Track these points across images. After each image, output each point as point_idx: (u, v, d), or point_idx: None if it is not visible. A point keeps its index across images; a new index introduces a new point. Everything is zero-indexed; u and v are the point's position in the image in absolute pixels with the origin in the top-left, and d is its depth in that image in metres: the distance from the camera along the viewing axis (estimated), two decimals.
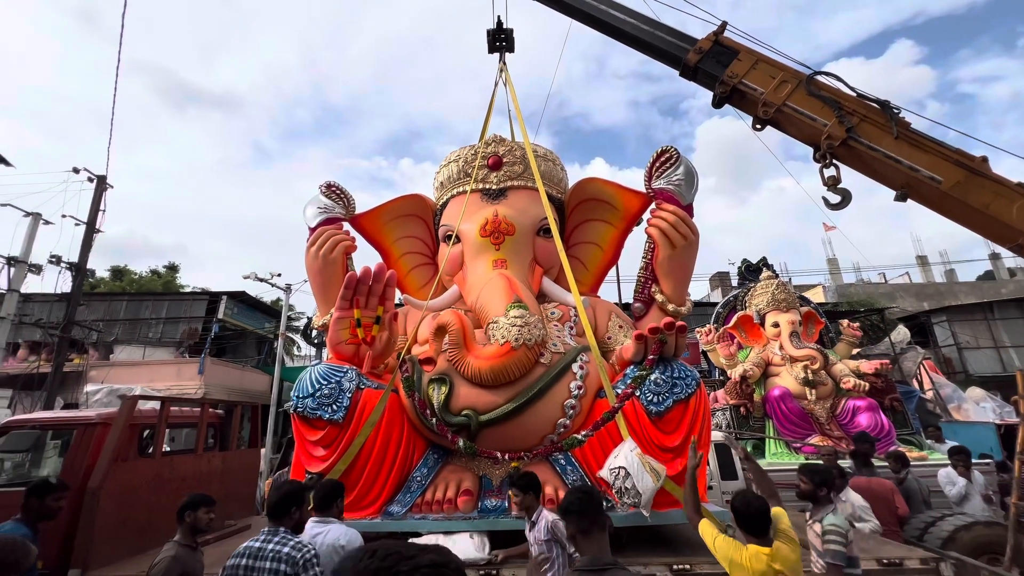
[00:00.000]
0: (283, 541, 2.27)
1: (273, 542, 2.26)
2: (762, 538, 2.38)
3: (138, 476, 4.13)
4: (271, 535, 2.30)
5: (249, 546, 2.29)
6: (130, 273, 25.38)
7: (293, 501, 2.41)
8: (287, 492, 2.44)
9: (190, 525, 2.87)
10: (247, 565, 2.22)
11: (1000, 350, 16.12)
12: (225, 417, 5.67)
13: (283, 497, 2.41)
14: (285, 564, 2.18)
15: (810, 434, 7.34)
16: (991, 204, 4.43)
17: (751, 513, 2.38)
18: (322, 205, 5.36)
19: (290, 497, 2.41)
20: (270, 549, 2.22)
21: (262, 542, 2.28)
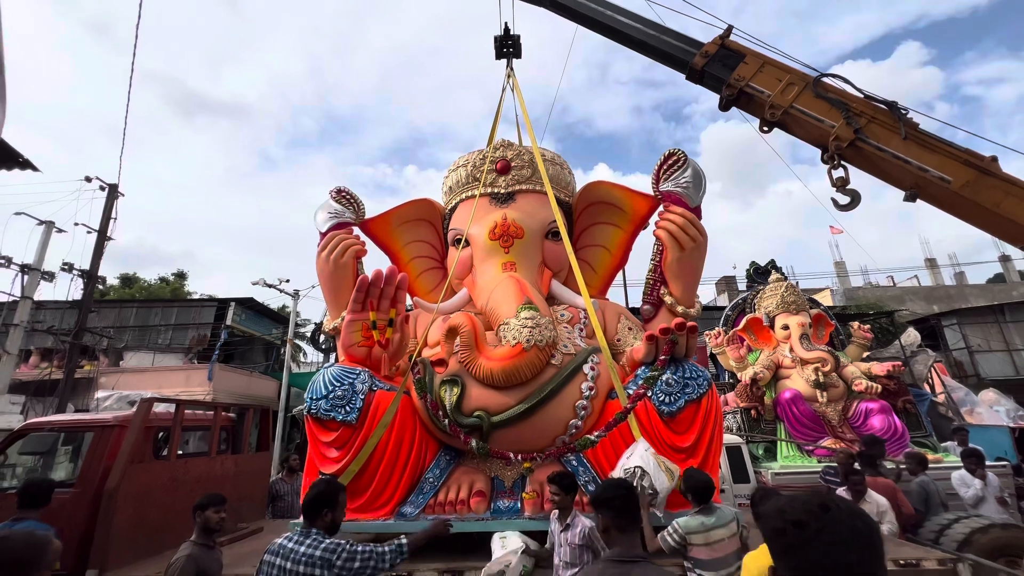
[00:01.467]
0: (314, 544, 2.20)
1: (305, 544, 2.19)
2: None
3: (154, 478, 4.17)
4: (303, 536, 2.24)
5: (283, 545, 2.24)
6: (139, 280, 25.66)
7: (325, 502, 2.33)
8: (319, 493, 2.35)
9: (201, 525, 2.90)
10: (280, 565, 2.17)
11: (1013, 353, 15.93)
12: (237, 420, 5.72)
13: (315, 498, 2.34)
14: (320, 568, 2.13)
15: (822, 437, 7.28)
16: (1002, 203, 4.42)
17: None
18: (332, 210, 5.42)
19: (322, 498, 2.33)
20: (302, 552, 2.17)
21: (294, 543, 2.22)
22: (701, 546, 2.69)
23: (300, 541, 2.21)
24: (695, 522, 2.73)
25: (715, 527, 2.67)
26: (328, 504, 2.33)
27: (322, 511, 2.31)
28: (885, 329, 14.69)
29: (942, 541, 4.62)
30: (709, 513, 2.74)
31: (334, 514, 2.34)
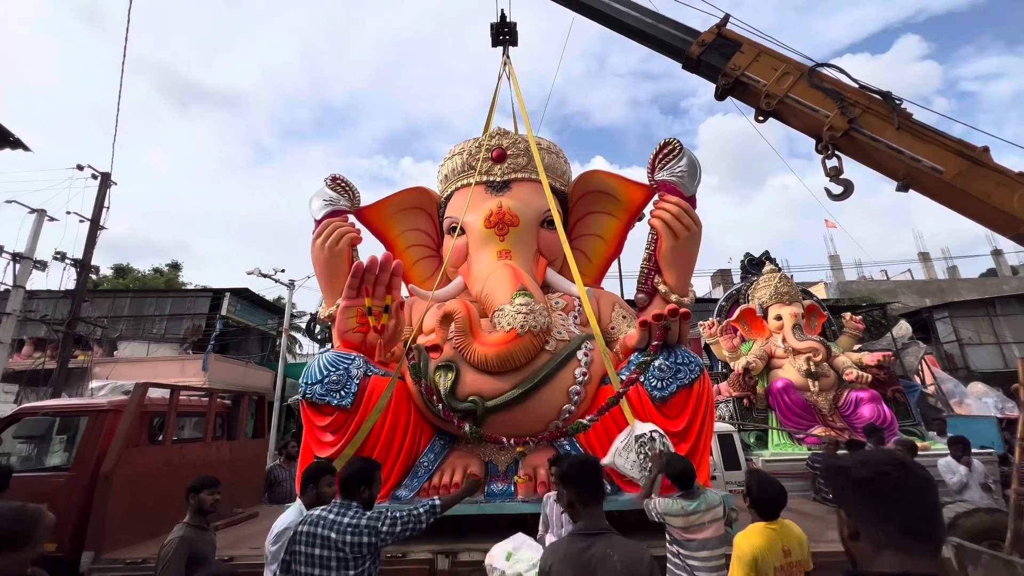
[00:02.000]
0: (357, 515, 2.27)
1: (348, 516, 2.26)
2: (773, 517, 2.45)
3: (149, 462, 4.19)
4: (345, 508, 2.30)
5: (323, 516, 2.27)
6: (133, 271, 25.49)
7: (362, 480, 2.38)
8: (356, 470, 2.41)
9: (195, 507, 2.94)
10: (323, 535, 2.21)
11: (1002, 346, 16.12)
12: (232, 407, 5.74)
13: (353, 475, 2.39)
14: (367, 536, 2.21)
15: (813, 425, 7.38)
16: (993, 193, 4.46)
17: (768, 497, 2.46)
18: (328, 198, 5.40)
19: (359, 476, 2.39)
20: (347, 523, 2.23)
21: (336, 515, 2.27)
22: (680, 528, 2.73)
23: (342, 513, 2.28)
24: (675, 506, 2.77)
25: (696, 511, 2.70)
26: (365, 481, 2.39)
27: (359, 488, 2.37)
28: (878, 322, 14.83)
29: None
30: (692, 498, 2.76)
31: (371, 491, 2.41)
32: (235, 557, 3.55)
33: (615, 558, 1.66)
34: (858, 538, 0.98)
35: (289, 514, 2.83)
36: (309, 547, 2.22)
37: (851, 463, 1.03)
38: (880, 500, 0.96)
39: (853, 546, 1.00)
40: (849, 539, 1.01)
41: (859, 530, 0.98)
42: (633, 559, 1.67)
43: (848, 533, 1.01)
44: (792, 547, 2.37)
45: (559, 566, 1.73)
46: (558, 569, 1.73)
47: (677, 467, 2.88)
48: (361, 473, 2.39)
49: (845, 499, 1.02)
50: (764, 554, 2.30)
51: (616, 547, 1.70)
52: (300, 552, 2.23)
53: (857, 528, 0.98)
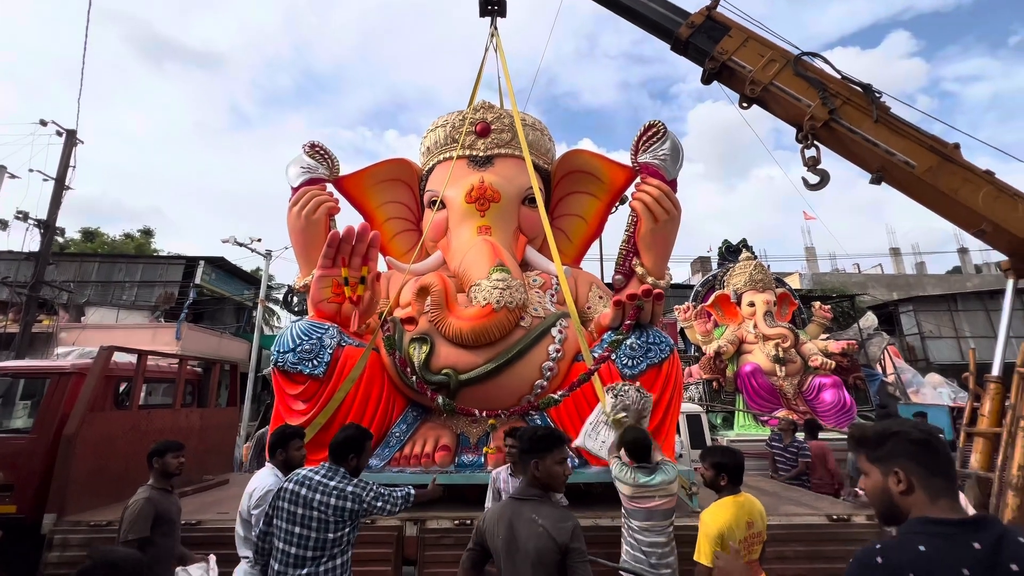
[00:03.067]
0: (344, 481, 2.28)
1: (335, 480, 2.27)
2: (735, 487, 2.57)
3: (114, 427, 4.12)
4: (332, 472, 2.31)
5: (309, 477, 2.28)
6: (102, 235, 24.54)
7: (353, 447, 2.37)
8: (349, 436, 2.39)
9: (159, 470, 2.92)
10: (306, 496, 2.22)
11: (960, 340, 16.87)
12: (203, 375, 5.66)
13: (343, 442, 2.37)
14: (351, 502, 2.22)
15: (777, 408, 7.67)
16: (960, 190, 4.60)
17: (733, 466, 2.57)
18: (305, 165, 5.27)
19: (349, 443, 2.37)
20: (333, 486, 2.24)
21: (323, 476, 2.28)
22: (627, 496, 2.82)
23: (329, 476, 2.28)
24: (627, 474, 2.83)
25: (649, 485, 2.77)
26: (355, 449, 2.37)
27: (348, 455, 2.36)
28: (847, 313, 15.34)
29: None
30: (649, 472, 2.81)
31: (359, 460, 2.40)
32: (202, 521, 3.56)
33: (539, 522, 1.79)
34: (912, 491, 1.12)
35: (265, 477, 2.83)
36: (292, 505, 2.24)
37: (902, 428, 1.18)
38: (934, 457, 1.13)
39: (904, 500, 1.13)
40: (901, 495, 1.14)
41: (914, 484, 1.12)
42: (555, 524, 1.78)
43: (902, 489, 1.13)
44: (754, 520, 2.50)
45: (491, 523, 1.91)
46: (490, 526, 1.91)
47: (629, 437, 2.91)
48: (353, 440, 2.38)
49: (899, 457, 1.15)
50: (729, 529, 2.41)
51: (541, 512, 1.83)
52: (283, 508, 2.25)
53: (912, 482, 1.12)
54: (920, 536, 1.06)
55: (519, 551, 1.78)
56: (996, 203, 4.51)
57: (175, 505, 2.96)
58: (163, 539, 2.80)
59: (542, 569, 1.75)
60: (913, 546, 1.04)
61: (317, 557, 2.17)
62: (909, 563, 1.01)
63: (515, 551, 1.79)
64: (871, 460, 1.21)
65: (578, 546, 1.78)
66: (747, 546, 2.44)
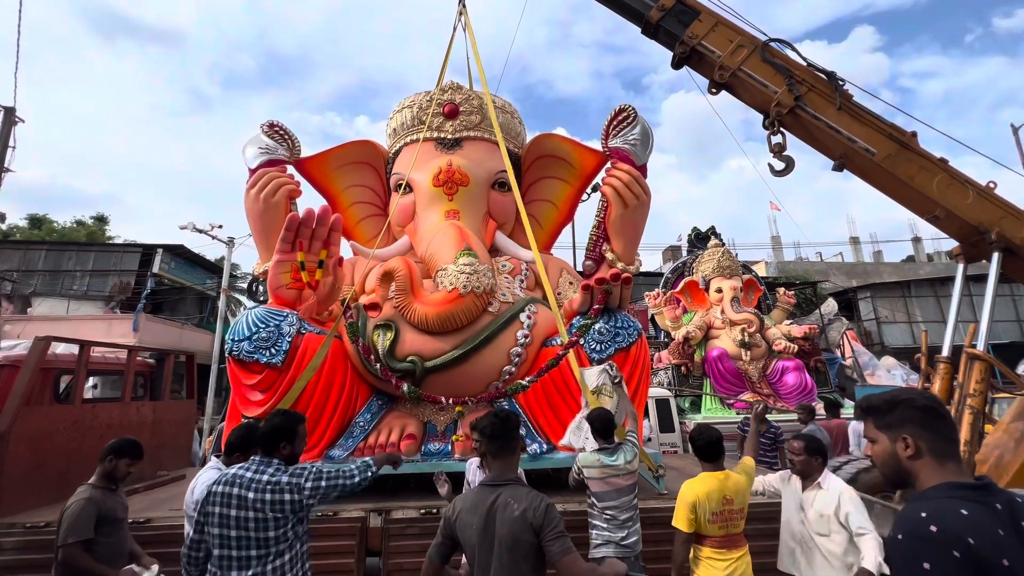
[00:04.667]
0: (278, 471, 2.09)
1: (267, 473, 2.07)
2: (715, 463, 2.71)
3: (54, 422, 3.85)
4: (264, 465, 2.11)
5: (239, 475, 2.08)
6: (50, 222, 23.08)
7: (283, 435, 2.19)
8: (275, 425, 2.21)
9: (107, 472, 2.71)
10: (239, 495, 2.02)
11: (913, 325, 17.75)
12: (156, 366, 5.38)
13: (272, 431, 2.19)
14: (289, 493, 2.03)
15: (742, 391, 7.88)
16: (916, 176, 4.75)
17: (703, 442, 2.74)
18: (264, 145, 5.01)
19: (279, 431, 2.19)
20: (267, 480, 2.04)
21: (254, 472, 2.08)
22: (596, 480, 2.89)
23: (261, 470, 2.09)
24: (593, 458, 2.92)
25: (612, 465, 2.86)
26: (286, 436, 2.19)
27: (280, 444, 2.17)
28: (809, 299, 15.89)
29: None
30: (611, 453, 2.91)
31: (293, 447, 2.21)
32: (152, 519, 3.37)
33: (514, 506, 1.77)
34: (920, 456, 1.17)
35: (209, 475, 2.68)
36: (224, 507, 2.04)
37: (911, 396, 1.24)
38: (939, 422, 1.19)
39: (913, 464, 1.18)
40: (909, 459, 1.18)
41: (922, 448, 1.17)
42: (529, 506, 1.77)
43: (910, 453, 1.18)
44: (734, 496, 2.62)
45: (465, 513, 1.84)
46: (464, 516, 1.84)
47: (594, 415, 3.05)
48: (280, 429, 2.21)
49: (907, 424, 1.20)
50: (702, 500, 2.57)
51: (517, 496, 1.81)
52: (213, 514, 2.05)
53: (919, 447, 1.17)
54: (956, 500, 1.06)
55: (495, 538, 1.75)
56: (949, 190, 4.67)
57: (121, 504, 2.78)
58: (107, 539, 2.63)
59: (518, 553, 1.73)
60: (957, 510, 1.04)
61: (262, 556, 2.02)
62: (965, 528, 1.00)
63: (490, 538, 1.75)
64: (879, 427, 1.26)
65: (553, 523, 1.76)
66: (725, 519, 2.58)
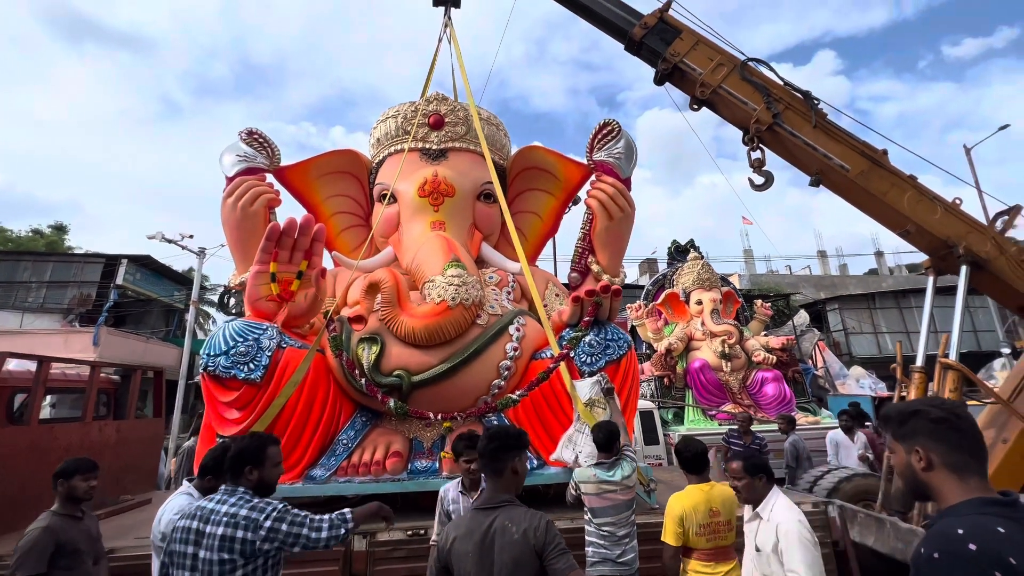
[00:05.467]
0: (240, 503, 1.89)
1: (228, 503, 1.88)
2: (700, 475, 2.70)
3: (7, 445, 3.57)
4: (228, 495, 1.93)
5: (202, 506, 1.90)
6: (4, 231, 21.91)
7: (248, 459, 1.99)
8: (241, 448, 2.01)
9: (64, 494, 2.53)
10: (197, 528, 1.83)
11: (878, 335, 18.43)
12: (121, 383, 5.08)
13: (237, 454, 1.99)
14: (243, 530, 1.80)
15: (724, 402, 7.97)
16: (888, 192, 4.95)
17: (689, 454, 2.73)
18: (242, 153, 4.87)
19: (245, 454, 1.99)
20: (224, 512, 1.84)
21: (216, 503, 1.90)
22: (593, 495, 2.84)
23: (223, 500, 1.90)
24: (589, 473, 2.88)
25: (609, 480, 2.83)
26: (253, 460, 1.97)
27: (244, 468, 1.96)
28: (781, 311, 16.32)
29: (815, 490, 5.29)
30: (608, 468, 2.88)
31: (261, 472, 1.98)
32: (116, 549, 3.13)
33: (512, 528, 1.71)
34: (932, 468, 1.14)
35: (178, 498, 2.50)
36: (185, 544, 1.83)
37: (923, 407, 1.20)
38: (955, 434, 1.15)
39: (928, 477, 1.15)
40: (923, 471, 1.15)
41: (934, 461, 1.14)
42: (529, 526, 1.72)
43: (922, 466, 1.15)
44: (720, 508, 2.60)
45: (459, 542, 1.74)
46: (458, 545, 1.74)
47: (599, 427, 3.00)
48: (247, 452, 1.99)
49: (919, 435, 1.17)
50: (690, 513, 2.56)
51: (514, 518, 1.75)
52: (177, 552, 1.84)
53: (931, 459, 1.14)
54: (990, 517, 1.03)
55: (493, 565, 1.66)
56: (919, 206, 4.88)
57: (85, 533, 2.56)
58: (66, 572, 2.42)
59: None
60: (994, 528, 1.01)
61: None
62: (1005, 546, 0.96)
63: (489, 566, 1.66)
64: (896, 438, 1.23)
65: (555, 541, 1.70)
66: (712, 531, 2.56)
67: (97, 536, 2.67)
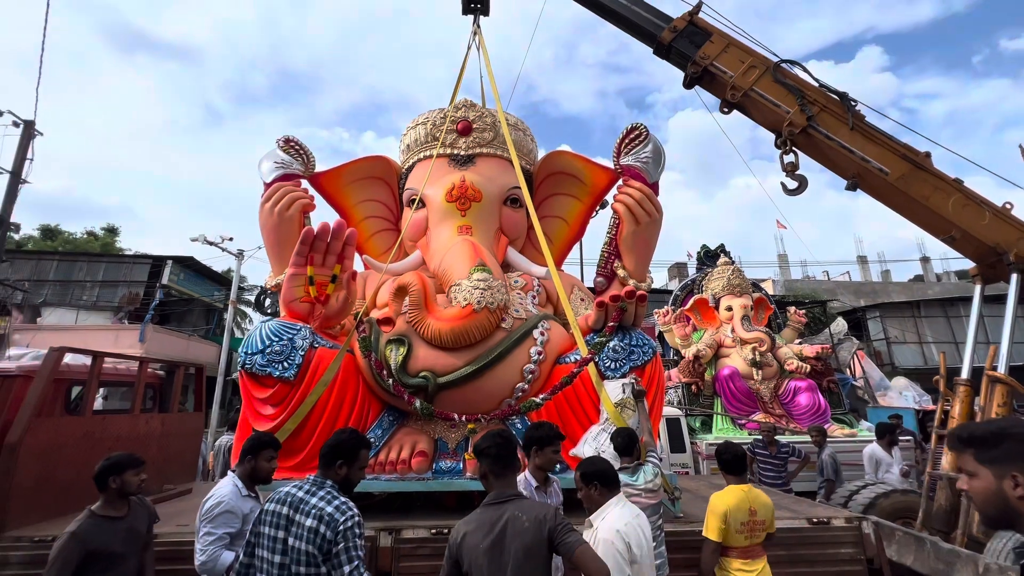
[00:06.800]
0: (328, 497, 1.97)
1: (317, 496, 1.97)
2: (740, 476, 2.88)
3: (64, 434, 3.84)
4: (316, 487, 2.02)
5: (292, 493, 2.00)
6: (62, 233, 23.41)
7: (342, 454, 2.07)
8: (338, 443, 2.11)
9: (117, 491, 2.48)
10: (288, 515, 1.94)
11: (923, 345, 17.53)
12: (166, 378, 5.37)
13: (333, 447, 2.09)
14: (325, 526, 1.89)
15: (754, 411, 7.75)
16: (930, 197, 4.74)
17: (729, 456, 2.89)
18: (279, 160, 5.08)
19: (340, 448, 2.08)
20: (312, 504, 1.94)
21: (305, 492, 1.99)
22: None
23: (312, 492, 1.99)
24: None
25: (632, 485, 2.83)
26: (345, 456, 2.07)
27: (336, 462, 2.06)
28: (817, 318, 15.74)
29: (850, 505, 5.09)
30: (632, 472, 2.88)
31: (350, 470, 2.09)
32: (158, 535, 3.31)
33: (523, 517, 1.77)
34: None
35: (223, 487, 2.63)
36: (275, 528, 1.94)
37: (1018, 428, 1.15)
38: None
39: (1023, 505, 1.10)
40: (1020, 499, 1.10)
41: None
42: (539, 516, 1.78)
43: (1020, 493, 1.10)
44: (758, 508, 2.77)
45: (470, 535, 1.79)
46: (470, 539, 1.78)
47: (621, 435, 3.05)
48: (342, 447, 2.08)
49: (1018, 460, 1.12)
50: (733, 511, 2.71)
51: (524, 508, 1.82)
52: (264, 535, 1.95)
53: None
54: None
55: (503, 554, 1.71)
56: (965, 210, 4.65)
57: (125, 531, 2.47)
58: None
59: (531, 565, 1.71)
60: None
61: None
62: None
63: (500, 554, 1.72)
64: (981, 461, 1.16)
65: (564, 521, 1.78)
66: (750, 530, 2.73)
67: (143, 528, 2.62)
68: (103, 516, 2.45)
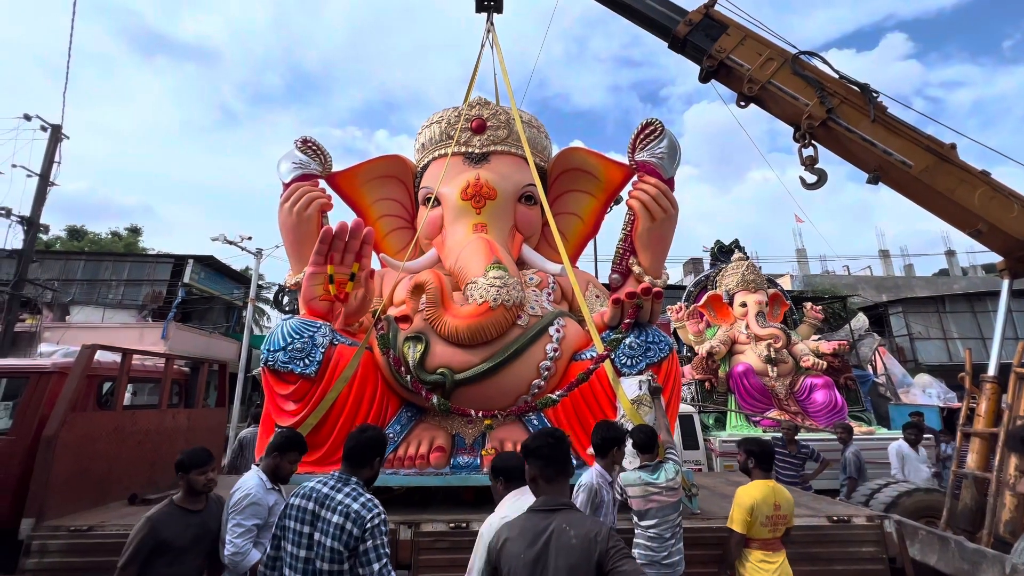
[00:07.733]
0: (353, 494, 1.97)
1: (343, 492, 1.97)
2: (767, 472, 3.01)
3: (97, 427, 3.99)
4: (342, 483, 2.01)
5: (317, 489, 2.00)
6: (88, 233, 24.10)
7: (376, 450, 2.07)
8: (370, 438, 2.09)
9: (186, 487, 2.54)
10: (313, 511, 1.95)
11: (948, 341, 17.07)
12: (191, 375, 5.52)
13: (364, 443, 2.08)
14: (352, 523, 1.89)
15: (769, 408, 7.67)
16: (956, 190, 4.62)
17: (759, 450, 3.01)
18: (297, 160, 5.17)
19: (372, 444, 2.08)
20: (339, 500, 1.94)
21: (331, 488, 1.99)
22: (638, 498, 2.86)
23: (337, 488, 1.99)
24: (634, 476, 2.91)
25: (653, 483, 2.86)
26: (379, 452, 2.11)
27: (374, 459, 2.09)
28: (837, 314, 15.43)
29: (872, 504, 5.01)
30: (652, 471, 2.91)
31: (375, 466, 2.14)
32: None
33: (571, 532, 1.61)
34: None
35: (249, 480, 2.70)
36: (300, 523, 1.96)
37: None
38: None
39: None
40: None
41: None
42: (589, 533, 1.60)
43: None
44: (781, 503, 2.89)
45: (513, 542, 1.66)
46: (511, 546, 1.65)
47: (641, 432, 3.09)
48: (374, 442, 2.09)
49: None
50: (759, 504, 2.82)
51: (573, 522, 1.65)
52: (290, 528, 1.97)
53: None
54: None
55: (547, 568, 1.57)
56: (992, 203, 4.53)
57: (197, 527, 2.50)
58: (167, 569, 2.39)
59: None
60: None
61: None
62: None
63: (541, 569, 1.58)
64: None
65: (619, 545, 1.58)
66: (774, 523, 2.84)
67: (215, 527, 2.59)
68: (180, 507, 2.50)
